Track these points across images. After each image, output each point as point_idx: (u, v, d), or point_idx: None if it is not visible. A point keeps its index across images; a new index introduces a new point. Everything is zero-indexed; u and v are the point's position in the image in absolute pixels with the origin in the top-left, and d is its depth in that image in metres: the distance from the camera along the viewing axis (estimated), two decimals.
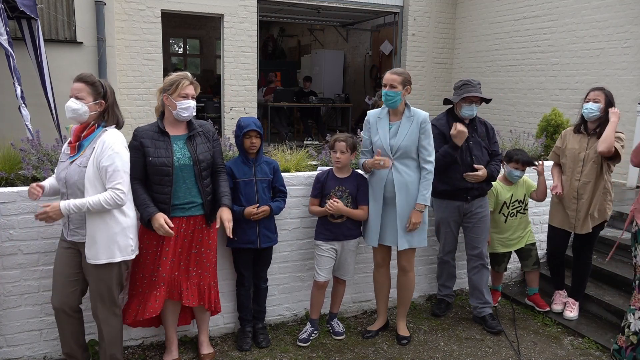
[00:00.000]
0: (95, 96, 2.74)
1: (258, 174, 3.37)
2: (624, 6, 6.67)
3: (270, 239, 3.48)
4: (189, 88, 3.03)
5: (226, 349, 3.54)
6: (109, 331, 2.92)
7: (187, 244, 3.10)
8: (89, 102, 2.72)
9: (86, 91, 2.71)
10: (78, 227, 2.76)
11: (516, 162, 3.96)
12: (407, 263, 3.59)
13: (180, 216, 3.04)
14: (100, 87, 2.77)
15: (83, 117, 2.73)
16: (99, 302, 2.86)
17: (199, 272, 3.17)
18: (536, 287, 4.25)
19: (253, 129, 3.31)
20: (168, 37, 14.52)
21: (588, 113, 3.72)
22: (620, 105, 6.34)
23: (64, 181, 2.73)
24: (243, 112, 8.79)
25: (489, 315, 3.94)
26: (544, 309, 4.14)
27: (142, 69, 8.09)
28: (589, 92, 3.79)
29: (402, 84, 3.37)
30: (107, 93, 2.79)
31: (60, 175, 2.76)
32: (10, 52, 4.99)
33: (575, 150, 3.81)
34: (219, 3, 8.43)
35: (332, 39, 14.94)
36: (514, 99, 8.59)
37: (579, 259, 3.97)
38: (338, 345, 3.63)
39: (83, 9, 7.13)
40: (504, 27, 8.78)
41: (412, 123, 3.41)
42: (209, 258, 3.19)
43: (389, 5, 9.88)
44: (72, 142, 2.76)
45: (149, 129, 3.06)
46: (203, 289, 3.18)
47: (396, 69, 3.50)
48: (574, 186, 3.82)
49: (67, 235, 2.81)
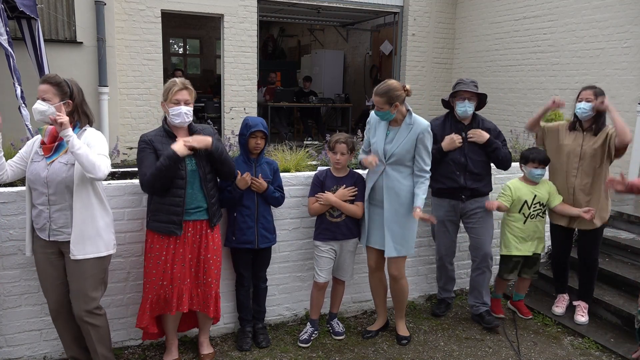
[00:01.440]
0: (62, 96, 2.73)
1: (258, 173, 3.37)
2: (624, 6, 6.67)
3: (269, 239, 3.47)
4: (180, 94, 2.97)
5: (226, 349, 3.54)
6: (96, 331, 2.89)
7: (196, 249, 3.11)
8: (56, 103, 2.70)
9: (52, 92, 2.70)
10: (63, 227, 2.74)
11: (533, 162, 3.84)
12: (397, 272, 3.55)
13: (186, 220, 3.05)
14: (66, 87, 2.75)
15: None
16: (82, 302, 2.82)
17: (208, 281, 3.16)
18: (523, 295, 4.22)
19: (260, 129, 3.31)
20: (168, 37, 14.52)
21: (582, 113, 3.74)
22: (620, 105, 6.36)
23: (45, 180, 2.69)
24: (243, 112, 8.78)
25: (486, 312, 3.96)
26: (526, 317, 4.11)
27: (142, 69, 8.09)
28: (580, 91, 3.80)
29: (387, 103, 3.28)
30: (73, 92, 2.78)
31: (38, 175, 2.71)
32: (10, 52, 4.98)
33: (570, 147, 3.81)
34: (219, 3, 8.42)
35: (332, 39, 14.94)
36: (514, 99, 8.59)
37: (585, 260, 3.94)
38: (338, 345, 3.63)
39: (83, 9, 7.13)
40: (504, 27, 8.78)
41: (410, 131, 3.35)
42: (216, 264, 3.19)
43: (389, 5, 9.88)
44: (48, 142, 2.74)
45: (156, 134, 3.06)
46: (210, 297, 3.18)
47: (379, 87, 3.32)
48: (570, 182, 3.82)
49: (47, 236, 2.76)
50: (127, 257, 3.36)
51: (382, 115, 3.36)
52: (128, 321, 3.44)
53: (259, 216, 3.39)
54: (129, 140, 7.65)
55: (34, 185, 2.74)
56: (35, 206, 2.77)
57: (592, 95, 3.71)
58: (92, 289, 2.83)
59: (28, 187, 2.79)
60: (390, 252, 3.47)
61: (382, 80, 3.43)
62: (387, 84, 3.31)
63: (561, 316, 4.07)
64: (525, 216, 3.91)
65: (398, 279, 3.57)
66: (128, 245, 3.35)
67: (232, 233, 3.40)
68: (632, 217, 4.69)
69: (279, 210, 3.68)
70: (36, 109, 2.69)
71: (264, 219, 3.41)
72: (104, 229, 2.82)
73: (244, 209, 3.37)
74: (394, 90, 3.28)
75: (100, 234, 2.79)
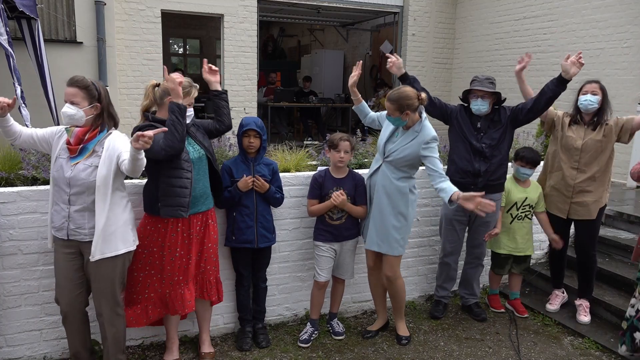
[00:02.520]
0: (90, 100, 2.72)
1: (256, 173, 3.37)
2: (624, 6, 6.67)
3: (268, 239, 3.47)
4: None
5: (226, 349, 3.54)
6: (113, 332, 2.91)
7: (199, 240, 3.16)
8: (85, 107, 2.70)
9: (80, 96, 2.69)
10: (80, 227, 2.75)
11: (522, 160, 3.92)
12: (391, 272, 3.53)
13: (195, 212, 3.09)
14: (95, 90, 2.74)
15: (80, 122, 2.72)
16: (103, 301, 2.85)
17: (208, 268, 3.22)
18: (517, 292, 4.25)
19: (252, 128, 3.31)
20: (168, 37, 14.51)
21: (587, 104, 3.72)
22: (620, 105, 6.36)
23: (68, 181, 2.71)
24: (243, 112, 8.78)
25: (475, 304, 4.11)
26: (522, 315, 4.13)
27: (142, 69, 8.09)
28: (584, 84, 3.80)
29: (397, 110, 3.25)
30: (101, 95, 2.77)
31: (62, 174, 2.72)
32: (10, 52, 4.98)
33: (572, 139, 3.80)
34: (219, 3, 8.42)
35: (332, 39, 14.94)
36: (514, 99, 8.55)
37: (582, 256, 3.94)
38: (338, 345, 3.63)
39: (83, 9, 7.13)
40: (504, 27, 8.78)
41: (414, 139, 3.31)
42: (215, 252, 3.26)
43: (389, 5, 9.88)
44: (73, 144, 2.74)
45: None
46: (211, 283, 3.23)
47: (392, 92, 3.31)
48: (570, 173, 3.82)
49: (66, 235, 2.78)
50: None
51: (393, 121, 3.35)
52: None
53: (258, 215, 3.39)
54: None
55: (57, 183, 2.76)
56: (55, 204, 2.78)
57: (598, 88, 3.72)
58: (114, 287, 2.85)
59: (52, 184, 2.80)
60: (371, 246, 3.47)
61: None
62: (400, 91, 3.27)
63: (558, 315, 4.08)
64: (512, 217, 4.01)
65: (392, 280, 3.56)
66: None
67: (231, 232, 3.41)
68: (632, 217, 4.69)
69: (279, 210, 3.68)
70: (65, 113, 2.68)
71: (263, 218, 3.41)
72: (122, 227, 2.81)
73: (243, 209, 3.37)
74: (406, 98, 3.23)
75: (120, 232, 2.79)
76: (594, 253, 3.93)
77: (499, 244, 4.08)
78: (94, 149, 2.74)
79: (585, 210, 3.81)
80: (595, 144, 3.72)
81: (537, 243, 4.59)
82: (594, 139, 3.73)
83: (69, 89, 2.69)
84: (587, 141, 3.75)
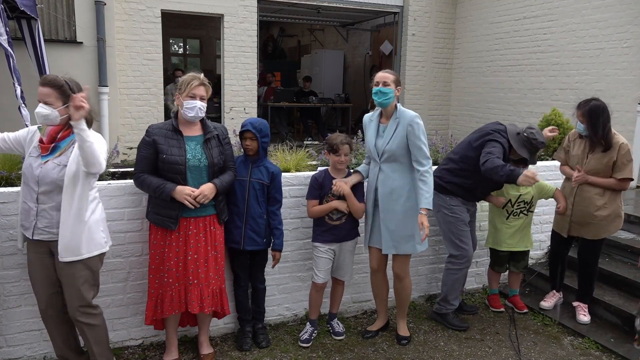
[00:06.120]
0: (64, 99, 2.67)
1: (253, 175, 3.36)
2: (624, 6, 6.67)
3: (257, 242, 3.39)
4: (198, 89, 3.05)
5: (226, 349, 3.54)
6: (92, 333, 2.87)
7: (203, 246, 3.11)
8: (59, 107, 2.67)
9: (54, 96, 2.65)
10: (48, 226, 2.71)
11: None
12: (401, 270, 3.55)
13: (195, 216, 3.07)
14: (68, 90, 2.69)
15: (55, 122, 2.69)
16: (75, 302, 2.79)
17: (216, 278, 3.19)
18: (517, 289, 4.28)
19: (247, 129, 3.31)
20: (168, 37, 14.51)
21: (582, 131, 3.80)
22: (620, 105, 6.36)
23: (37, 179, 2.67)
24: (243, 112, 8.79)
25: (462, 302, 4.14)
26: (522, 311, 4.17)
27: (142, 69, 8.09)
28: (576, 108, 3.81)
29: (394, 82, 3.34)
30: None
31: (31, 172, 2.69)
32: (10, 52, 4.98)
33: (578, 157, 3.85)
34: (219, 3, 8.42)
35: (332, 39, 14.94)
36: (514, 99, 8.59)
37: (583, 263, 3.94)
38: (338, 345, 3.63)
39: (83, 9, 7.13)
40: (504, 27, 8.78)
41: (397, 125, 3.34)
42: (216, 260, 3.20)
43: (389, 5, 9.88)
44: (46, 142, 2.71)
45: (163, 127, 3.08)
46: (217, 294, 3.20)
47: (387, 70, 3.45)
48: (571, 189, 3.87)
49: (32, 235, 2.73)
50: (127, 257, 3.36)
51: (386, 93, 3.31)
52: (128, 321, 3.44)
53: (248, 217, 3.35)
54: (129, 140, 7.66)
55: (27, 181, 2.72)
56: (24, 202, 2.75)
57: (581, 115, 3.73)
58: (85, 288, 2.78)
59: (22, 182, 2.77)
60: (388, 250, 3.47)
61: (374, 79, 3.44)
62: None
63: (558, 314, 4.09)
64: (508, 212, 4.04)
65: (402, 278, 3.57)
66: (128, 245, 3.35)
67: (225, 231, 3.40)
68: (632, 217, 4.69)
69: None
70: (39, 114, 2.65)
71: (253, 221, 3.35)
72: (94, 228, 2.76)
73: (234, 207, 3.35)
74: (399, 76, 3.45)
75: (89, 233, 2.73)
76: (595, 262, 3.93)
77: (497, 241, 4.10)
78: (65, 148, 2.71)
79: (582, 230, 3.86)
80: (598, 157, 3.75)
81: (537, 243, 4.60)
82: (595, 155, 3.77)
83: (42, 89, 2.65)
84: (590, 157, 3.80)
